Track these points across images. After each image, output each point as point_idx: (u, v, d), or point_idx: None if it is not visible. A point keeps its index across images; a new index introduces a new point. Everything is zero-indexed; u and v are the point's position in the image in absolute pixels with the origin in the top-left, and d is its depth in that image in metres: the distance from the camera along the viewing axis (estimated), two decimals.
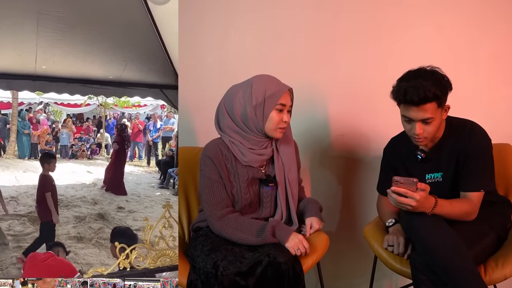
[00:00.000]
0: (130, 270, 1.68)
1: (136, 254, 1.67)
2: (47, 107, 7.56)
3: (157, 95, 4.84)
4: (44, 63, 3.99)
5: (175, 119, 6.24)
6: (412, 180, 1.37)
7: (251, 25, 2.20)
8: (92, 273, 1.60)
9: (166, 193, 5.11)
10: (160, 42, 4.03)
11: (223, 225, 1.50)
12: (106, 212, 4.18)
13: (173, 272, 1.99)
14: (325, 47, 2.17)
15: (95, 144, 7.14)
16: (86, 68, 4.29)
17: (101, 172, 6.12)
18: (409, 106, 1.44)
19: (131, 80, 4.65)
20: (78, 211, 4.15)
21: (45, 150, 6.65)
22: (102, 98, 6.00)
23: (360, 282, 2.17)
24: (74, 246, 3.37)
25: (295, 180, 1.64)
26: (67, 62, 4.05)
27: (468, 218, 1.50)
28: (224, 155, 1.55)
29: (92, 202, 4.52)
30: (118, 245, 1.67)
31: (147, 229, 1.70)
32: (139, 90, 4.89)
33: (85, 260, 3.10)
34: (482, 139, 1.53)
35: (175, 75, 4.65)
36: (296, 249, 1.45)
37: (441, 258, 1.34)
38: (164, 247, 1.74)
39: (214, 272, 1.37)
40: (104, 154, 7.10)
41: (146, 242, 1.70)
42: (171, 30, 3.83)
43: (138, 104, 6.73)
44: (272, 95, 1.50)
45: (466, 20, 2.11)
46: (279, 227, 1.49)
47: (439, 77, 1.45)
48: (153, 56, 4.18)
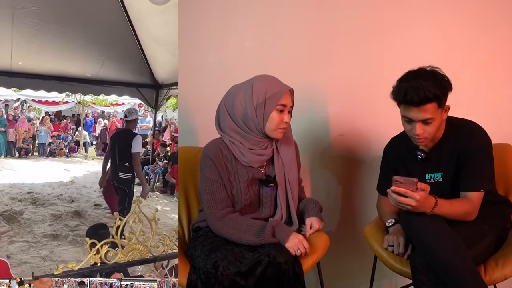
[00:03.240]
0: (101, 265, 1.69)
1: (107, 249, 1.68)
2: (25, 104, 7.53)
3: (134, 93, 4.86)
4: (20, 59, 3.93)
5: (151, 117, 6.29)
6: (412, 180, 1.37)
7: (251, 26, 2.20)
8: (62, 269, 1.61)
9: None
10: (136, 41, 4.03)
11: (223, 225, 1.50)
12: (83, 210, 4.18)
13: (146, 266, 2.01)
14: (325, 48, 2.17)
15: (73, 142, 7.14)
16: (63, 65, 4.24)
17: (79, 170, 6.12)
18: (409, 106, 1.44)
19: (108, 78, 4.63)
20: (55, 209, 4.14)
21: (22, 147, 6.63)
22: (80, 96, 5.99)
23: (360, 282, 2.18)
24: (50, 244, 3.36)
25: (295, 181, 1.64)
26: (43, 58, 4.00)
27: (468, 218, 1.50)
28: (224, 155, 1.55)
29: (69, 200, 4.51)
30: (88, 241, 1.69)
31: (117, 225, 1.72)
32: (116, 88, 4.89)
33: (61, 257, 3.10)
34: (482, 139, 1.53)
35: (150, 74, 4.68)
36: (296, 249, 1.45)
37: (441, 258, 1.34)
38: (134, 241, 1.76)
39: (214, 272, 1.37)
40: (82, 152, 7.10)
41: (116, 237, 1.71)
42: (147, 29, 3.84)
43: (116, 103, 6.74)
44: (273, 95, 1.50)
45: (467, 19, 2.11)
46: (279, 227, 1.50)
47: (439, 78, 1.45)
48: (130, 55, 4.18)
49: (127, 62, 4.26)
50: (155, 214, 1.80)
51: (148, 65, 4.48)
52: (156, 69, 4.56)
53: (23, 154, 6.77)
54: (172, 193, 4.76)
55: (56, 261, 2.99)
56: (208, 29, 2.20)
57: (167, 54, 3.98)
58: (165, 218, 3.96)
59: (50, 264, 2.96)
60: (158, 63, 4.41)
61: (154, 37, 3.88)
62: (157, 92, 4.96)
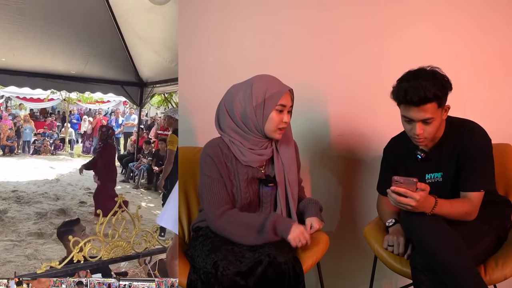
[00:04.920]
0: (84, 263, 1.70)
1: (90, 246, 1.69)
2: (9, 101, 7.51)
3: (119, 91, 4.88)
4: (4, 55, 3.90)
5: (136, 115, 6.28)
6: (411, 180, 1.37)
7: (251, 26, 2.20)
8: (45, 268, 1.62)
9: (127, 187, 5.18)
10: (121, 39, 4.02)
11: (223, 223, 1.50)
12: (68, 207, 4.18)
13: (130, 262, 2.02)
14: (325, 47, 2.17)
15: (58, 139, 7.10)
16: (48, 62, 4.21)
17: (64, 167, 6.11)
18: (409, 106, 1.44)
19: (93, 76, 4.63)
20: (40, 207, 4.13)
21: (6, 145, 6.61)
22: (66, 93, 5.97)
23: (360, 282, 2.17)
24: (35, 242, 3.35)
25: (295, 181, 1.64)
26: (28, 55, 3.97)
27: (468, 218, 1.50)
28: (224, 154, 1.55)
29: (54, 198, 4.50)
30: (72, 239, 1.70)
31: (100, 222, 1.73)
32: (101, 86, 4.90)
33: (46, 255, 3.09)
34: (482, 139, 1.53)
35: (135, 72, 4.67)
36: (297, 241, 1.45)
37: (441, 258, 1.34)
38: (117, 238, 1.77)
39: (214, 272, 1.37)
40: (67, 150, 7.08)
41: (99, 234, 1.72)
42: (132, 27, 3.83)
43: (102, 100, 6.73)
44: (272, 95, 1.50)
45: (467, 19, 2.11)
46: (279, 221, 1.49)
47: (439, 77, 1.45)
48: (114, 52, 4.17)
49: (112, 59, 4.25)
50: (138, 211, 1.81)
51: (133, 63, 4.47)
52: (140, 67, 4.57)
53: (7, 152, 6.74)
54: (156, 190, 4.73)
55: (41, 260, 2.98)
56: (208, 29, 2.20)
57: (152, 52, 3.97)
58: (150, 214, 3.95)
59: (34, 262, 2.95)
60: (142, 61, 4.41)
61: (139, 35, 3.86)
62: (141, 90, 4.97)
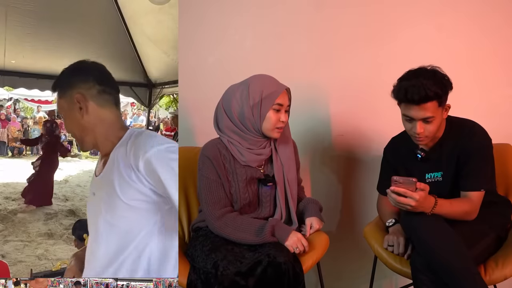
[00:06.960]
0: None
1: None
2: (17, 103, 7.48)
3: (127, 92, 4.86)
4: (14, 57, 3.94)
5: (144, 116, 6.21)
6: (411, 180, 1.37)
7: (251, 25, 2.20)
8: (60, 266, 1.61)
9: None
10: (130, 40, 4.03)
11: (222, 225, 1.50)
12: (77, 208, 4.21)
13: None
14: (326, 47, 2.17)
15: (66, 141, 7.09)
16: (57, 64, 4.24)
17: (73, 168, 6.10)
18: (410, 105, 1.44)
19: None
20: (49, 208, 4.16)
21: (15, 147, 6.60)
22: None
23: (360, 282, 2.17)
24: (45, 242, 3.38)
25: (294, 180, 1.64)
26: (37, 57, 4.00)
27: (468, 217, 1.50)
28: (222, 155, 1.55)
29: (63, 198, 4.55)
30: (86, 237, 1.69)
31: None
32: None
33: (56, 255, 3.12)
34: (483, 139, 1.53)
35: (144, 73, 4.66)
36: (295, 247, 1.45)
37: (441, 258, 1.34)
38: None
39: (214, 272, 1.37)
40: (75, 151, 7.05)
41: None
42: (141, 28, 3.83)
43: None
44: (269, 95, 1.50)
45: (467, 19, 2.11)
46: (278, 226, 1.50)
47: (440, 76, 1.45)
48: (123, 53, 4.19)
49: (120, 60, 4.25)
50: None
51: (142, 64, 4.47)
52: (149, 68, 4.56)
53: (16, 154, 6.73)
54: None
55: (52, 260, 3.01)
56: (208, 29, 2.20)
57: (161, 53, 3.97)
58: None
59: (45, 262, 2.98)
60: (151, 62, 4.40)
61: (147, 36, 3.87)
62: (150, 91, 4.96)
